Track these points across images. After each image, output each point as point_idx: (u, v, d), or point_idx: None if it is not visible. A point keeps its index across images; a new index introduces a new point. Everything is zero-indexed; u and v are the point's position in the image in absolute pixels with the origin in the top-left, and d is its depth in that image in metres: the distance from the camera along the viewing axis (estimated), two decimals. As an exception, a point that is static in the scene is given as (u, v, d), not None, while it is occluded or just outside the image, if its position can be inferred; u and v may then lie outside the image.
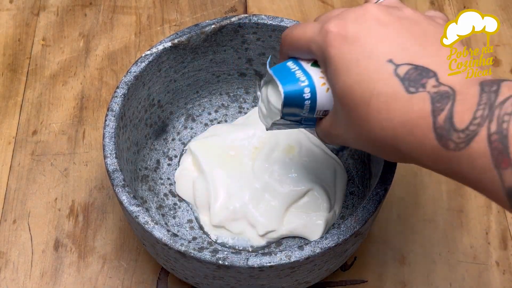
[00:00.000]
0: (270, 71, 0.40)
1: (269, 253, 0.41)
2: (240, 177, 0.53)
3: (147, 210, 0.49)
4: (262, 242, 0.51)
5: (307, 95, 0.39)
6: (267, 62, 0.42)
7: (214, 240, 0.52)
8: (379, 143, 0.34)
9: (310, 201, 0.52)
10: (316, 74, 0.39)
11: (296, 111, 0.40)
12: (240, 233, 0.52)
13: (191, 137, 0.57)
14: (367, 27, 0.34)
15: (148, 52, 0.50)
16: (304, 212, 0.52)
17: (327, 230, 0.51)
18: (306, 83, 0.39)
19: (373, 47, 0.34)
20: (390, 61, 0.33)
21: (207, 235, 0.52)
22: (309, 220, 0.51)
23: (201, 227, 0.53)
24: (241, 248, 0.51)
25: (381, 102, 0.33)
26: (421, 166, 0.33)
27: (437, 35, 0.34)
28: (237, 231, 0.52)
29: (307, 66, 0.40)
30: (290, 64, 0.40)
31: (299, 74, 0.39)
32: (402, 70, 0.32)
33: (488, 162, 0.29)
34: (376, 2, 0.38)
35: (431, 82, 0.32)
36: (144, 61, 0.50)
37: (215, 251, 0.41)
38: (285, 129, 0.42)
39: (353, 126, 0.35)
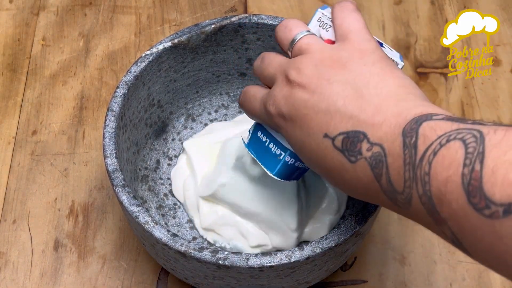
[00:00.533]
0: (252, 154, 0.42)
1: (270, 253, 0.41)
2: None
3: (147, 210, 0.49)
4: (256, 251, 0.49)
5: (291, 161, 0.40)
6: (242, 141, 0.44)
7: (213, 243, 0.51)
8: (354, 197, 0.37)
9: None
10: (284, 139, 0.40)
11: (300, 172, 0.41)
12: (232, 239, 0.49)
13: (191, 137, 0.57)
14: (296, 106, 0.36)
15: (148, 52, 0.50)
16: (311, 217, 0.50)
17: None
18: (283, 154, 0.40)
19: (308, 125, 0.35)
20: (326, 135, 0.35)
21: (203, 238, 0.51)
22: (313, 227, 0.50)
23: (197, 229, 0.52)
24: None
25: (336, 175, 0.35)
26: None
27: (351, 78, 0.35)
28: (228, 236, 0.49)
29: (274, 133, 0.41)
30: (261, 135, 0.42)
31: (273, 148, 0.41)
32: (338, 142, 0.34)
33: (429, 219, 0.30)
34: (294, 41, 0.38)
35: (364, 145, 0.33)
36: (144, 61, 0.50)
37: (216, 251, 0.41)
38: None
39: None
